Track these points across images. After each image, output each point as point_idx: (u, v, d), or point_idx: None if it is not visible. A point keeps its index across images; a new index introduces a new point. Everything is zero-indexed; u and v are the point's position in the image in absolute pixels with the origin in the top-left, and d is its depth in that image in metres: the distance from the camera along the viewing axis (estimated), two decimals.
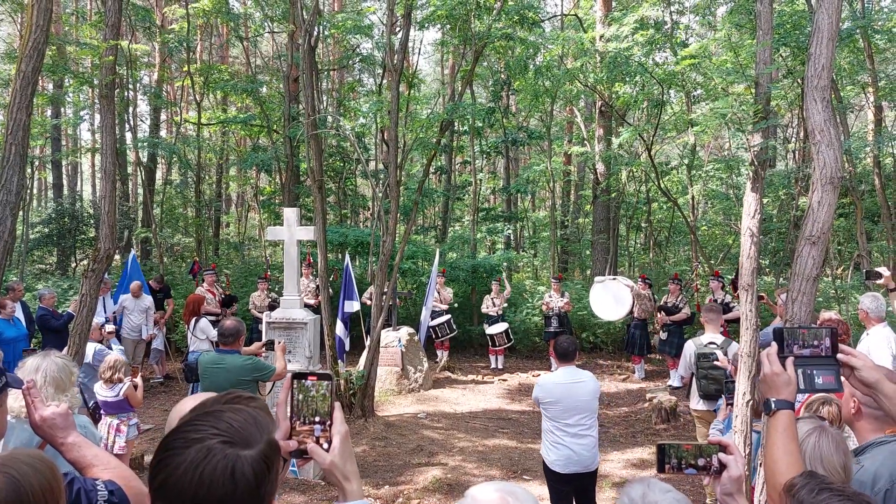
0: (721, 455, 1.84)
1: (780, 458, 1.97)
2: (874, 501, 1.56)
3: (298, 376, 1.57)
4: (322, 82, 19.83)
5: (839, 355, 2.04)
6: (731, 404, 4.97)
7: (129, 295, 10.85)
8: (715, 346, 6.65)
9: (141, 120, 23.81)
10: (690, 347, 6.85)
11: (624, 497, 1.87)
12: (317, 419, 1.54)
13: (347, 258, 11.97)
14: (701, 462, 1.86)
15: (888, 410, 2.03)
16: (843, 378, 2.12)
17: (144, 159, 18.41)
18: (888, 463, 2.55)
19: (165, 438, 1.28)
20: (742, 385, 4.73)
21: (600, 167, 15.70)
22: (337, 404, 1.59)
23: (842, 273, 14.11)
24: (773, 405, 2.03)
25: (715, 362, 6.53)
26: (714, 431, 4.97)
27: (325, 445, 1.53)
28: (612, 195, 16.28)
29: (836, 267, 14.05)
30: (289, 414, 1.54)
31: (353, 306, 11.56)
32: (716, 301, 10.24)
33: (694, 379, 6.77)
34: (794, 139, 17.16)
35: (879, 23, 10.41)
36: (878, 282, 6.35)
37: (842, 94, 12.47)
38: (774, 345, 2.09)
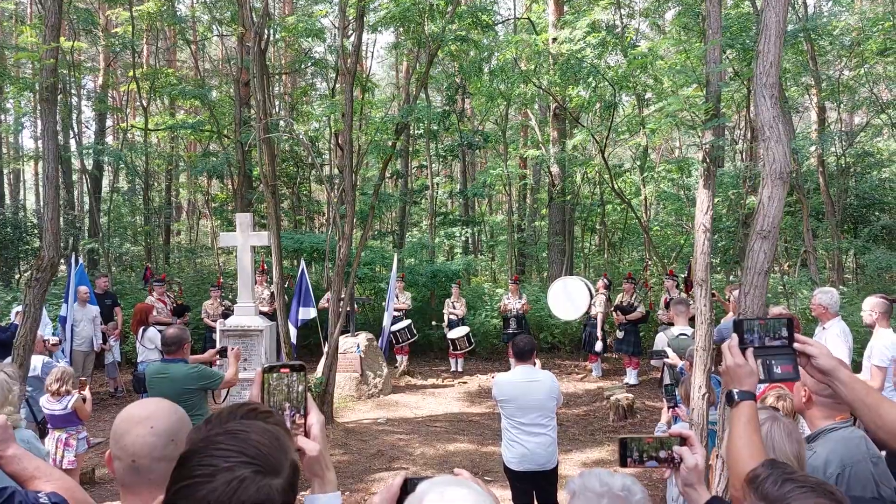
0: (675, 448, 1.83)
1: (743, 448, 1.97)
2: (837, 491, 1.56)
3: (270, 370, 1.54)
4: (274, 86, 19.60)
5: (795, 344, 2.06)
6: (672, 407, 5.02)
7: (76, 304, 10.49)
8: (685, 337, 6.77)
9: (86, 126, 23.16)
10: (662, 339, 6.97)
11: (587, 493, 1.84)
12: (306, 410, 1.56)
13: (303, 264, 11.80)
14: (662, 454, 1.85)
15: (845, 397, 2.05)
16: (800, 367, 2.15)
17: (89, 166, 17.89)
18: (838, 449, 2.61)
19: (187, 460, 1.18)
20: (698, 379, 4.79)
21: (555, 170, 15.84)
22: (309, 394, 1.58)
23: (789, 269, 14.50)
24: (735, 396, 2.04)
25: (665, 360, 6.65)
26: (658, 434, 5.01)
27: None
28: (568, 198, 16.44)
29: (783, 263, 14.43)
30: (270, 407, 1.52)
31: (309, 313, 11.41)
32: (671, 299, 10.40)
33: (665, 368, 6.91)
34: (741, 140, 17.60)
35: (821, 24, 10.73)
36: None
37: (786, 94, 12.82)
38: (735, 336, 2.10)
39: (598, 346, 11.93)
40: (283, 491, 1.17)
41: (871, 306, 6.01)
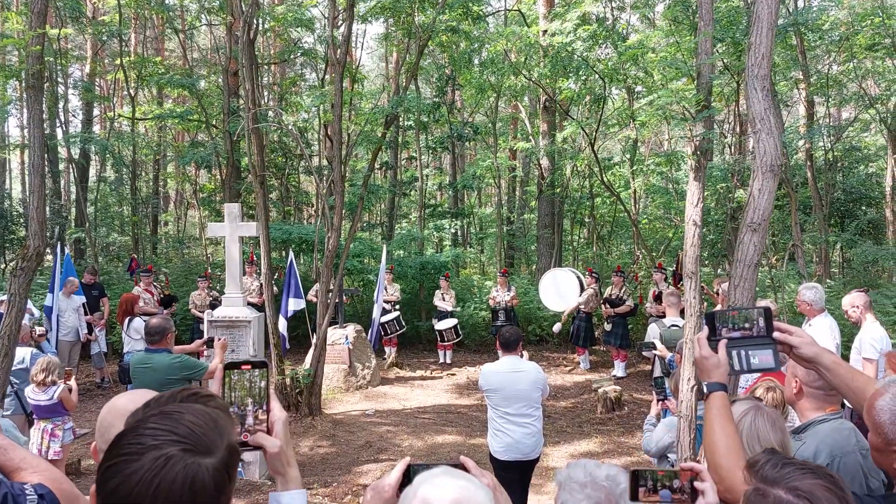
0: (697, 484, 1.80)
1: (718, 438, 1.99)
2: (837, 475, 1.57)
3: (232, 366, 1.53)
4: (263, 77, 19.47)
5: (776, 334, 2.06)
6: (661, 400, 5.04)
7: (61, 293, 10.41)
8: (677, 328, 6.83)
9: (73, 115, 22.93)
10: (654, 331, 7.05)
11: (571, 483, 1.84)
12: (268, 407, 1.55)
13: (291, 255, 11.75)
14: (676, 484, 1.82)
15: (831, 382, 2.06)
16: (785, 356, 2.15)
17: (76, 155, 17.72)
18: (828, 440, 2.64)
19: (118, 440, 1.17)
20: (687, 371, 4.80)
21: (545, 162, 15.83)
22: (272, 390, 1.57)
23: (776, 263, 14.56)
24: (704, 388, 2.06)
25: (654, 351, 6.73)
26: (648, 426, 5.04)
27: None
28: (557, 190, 16.45)
29: (771, 257, 14.51)
30: (230, 405, 1.51)
31: (298, 304, 11.36)
32: (660, 292, 10.46)
33: (656, 360, 7.01)
34: (730, 133, 17.67)
35: (811, 19, 10.77)
36: None
37: (776, 88, 12.85)
38: (706, 329, 2.11)
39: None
40: (214, 470, 1.16)
41: (852, 302, 6.04)
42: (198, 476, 1.13)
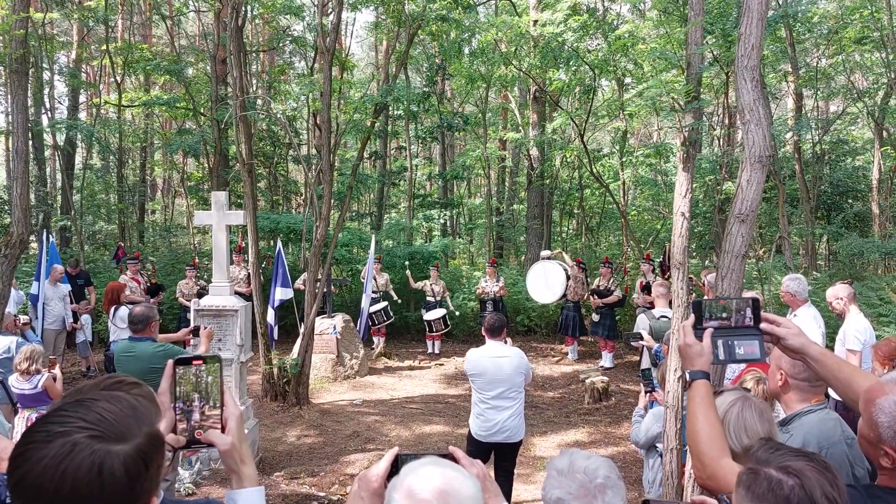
0: None
1: (700, 427, 2.00)
2: (830, 462, 1.59)
3: (182, 362, 1.51)
4: (251, 64, 19.31)
5: (763, 325, 2.06)
6: (649, 392, 5.08)
7: (47, 282, 10.31)
8: (667, 319, 6.88)
9: (58, 102, 22.68)
10: (643, 321, 7.11)
11: (552, 471, 1.87)
12: (220, 402, 1.52)
13: (279, 245, 11.70)
14: None
15: (818, 373, 2.07)
16: (772, 347, 2.15)
17: (62, 142, 17.53)
18: (814, 431, 2.65)
19: (30, 429, 1.16)
20: (673, 362, 4.82)
21: (534, 153, 15.82)
22: (226, 387, 1.55)
23: (763, 255, 14.65)
24: (688, 376, 2.07)
25: (640, 341, 6.77)
26: (636, 418, 5.07)
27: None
28: (546, 181, 16.45)
29: (758, 249, 14.59)
30: (177, 400, 1.51)
31: (286, 294, 11.31)
32: (647, 283, 10.49)
33: (644, 350, 7.07)
34: (718, 126, 17.72)
35: (801, 11, 10.79)
36: None
37: (765, 81, 12.88)
38: (692, 317, 2.11)
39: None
40: (126, 457, 1.15)
41: (836, 294, 6.08)
42: (106, 463, 1.12)
